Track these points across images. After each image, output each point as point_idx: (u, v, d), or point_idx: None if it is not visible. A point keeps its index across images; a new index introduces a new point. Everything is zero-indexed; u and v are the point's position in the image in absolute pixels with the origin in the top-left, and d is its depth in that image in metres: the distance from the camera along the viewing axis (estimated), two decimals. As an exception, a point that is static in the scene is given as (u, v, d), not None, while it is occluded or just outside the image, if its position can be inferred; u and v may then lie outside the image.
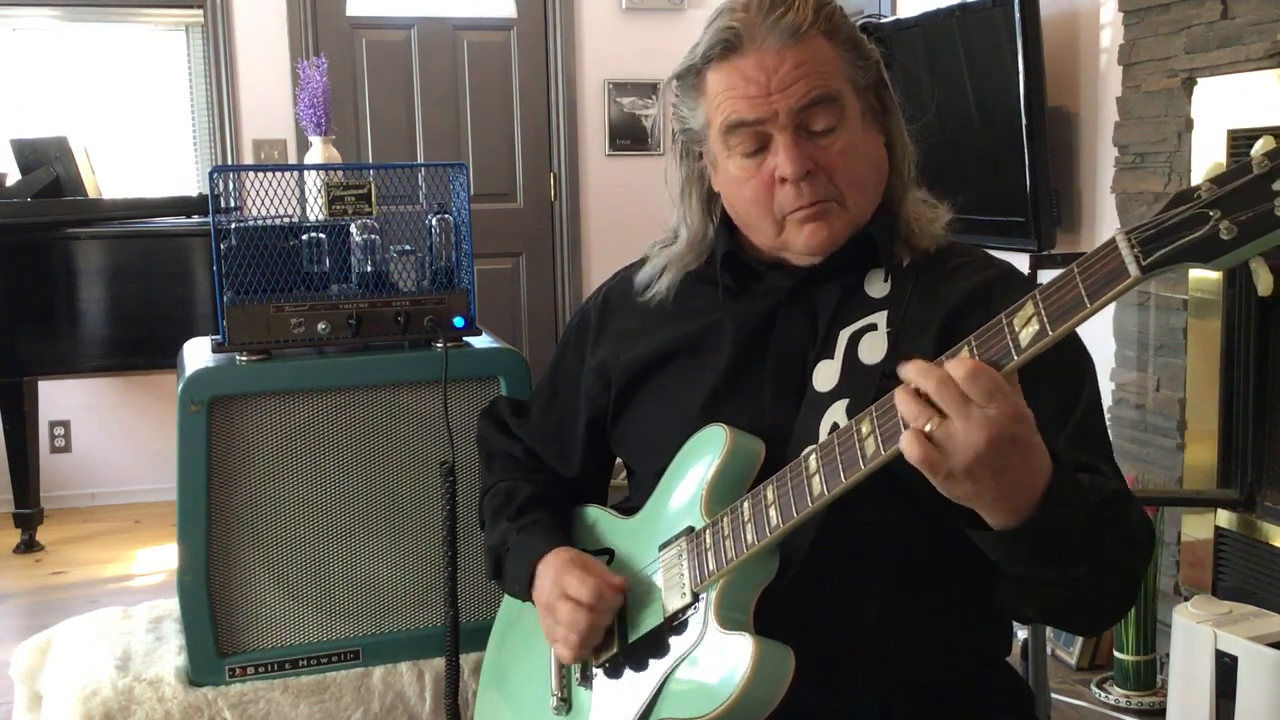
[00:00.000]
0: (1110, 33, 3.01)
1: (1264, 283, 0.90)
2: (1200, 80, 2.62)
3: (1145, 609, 2.64)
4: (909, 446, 0.98)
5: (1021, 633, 2.33)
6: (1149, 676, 2.67)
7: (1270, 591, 2.49)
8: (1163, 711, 2.52)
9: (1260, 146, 0.87)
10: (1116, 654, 2.70)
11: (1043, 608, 1.19)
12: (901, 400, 1.00)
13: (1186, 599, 2.50)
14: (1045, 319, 0.95)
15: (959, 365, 0.97)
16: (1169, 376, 2.81)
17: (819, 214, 1.25)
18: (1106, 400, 3.00)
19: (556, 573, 1.33)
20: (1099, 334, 2.99)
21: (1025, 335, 0.97)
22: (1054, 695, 2.67)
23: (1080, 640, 2.86)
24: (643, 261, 1.48)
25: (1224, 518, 2.64)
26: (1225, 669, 2.22)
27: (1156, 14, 2.75)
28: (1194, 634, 2.28)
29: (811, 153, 1.24)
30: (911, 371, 0.99)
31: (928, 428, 0.97)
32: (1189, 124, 2.66)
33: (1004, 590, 1.17)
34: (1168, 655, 2.43)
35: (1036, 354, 0.97)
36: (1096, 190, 3.09)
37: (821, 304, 1.30)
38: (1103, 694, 2.70)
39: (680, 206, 1.39)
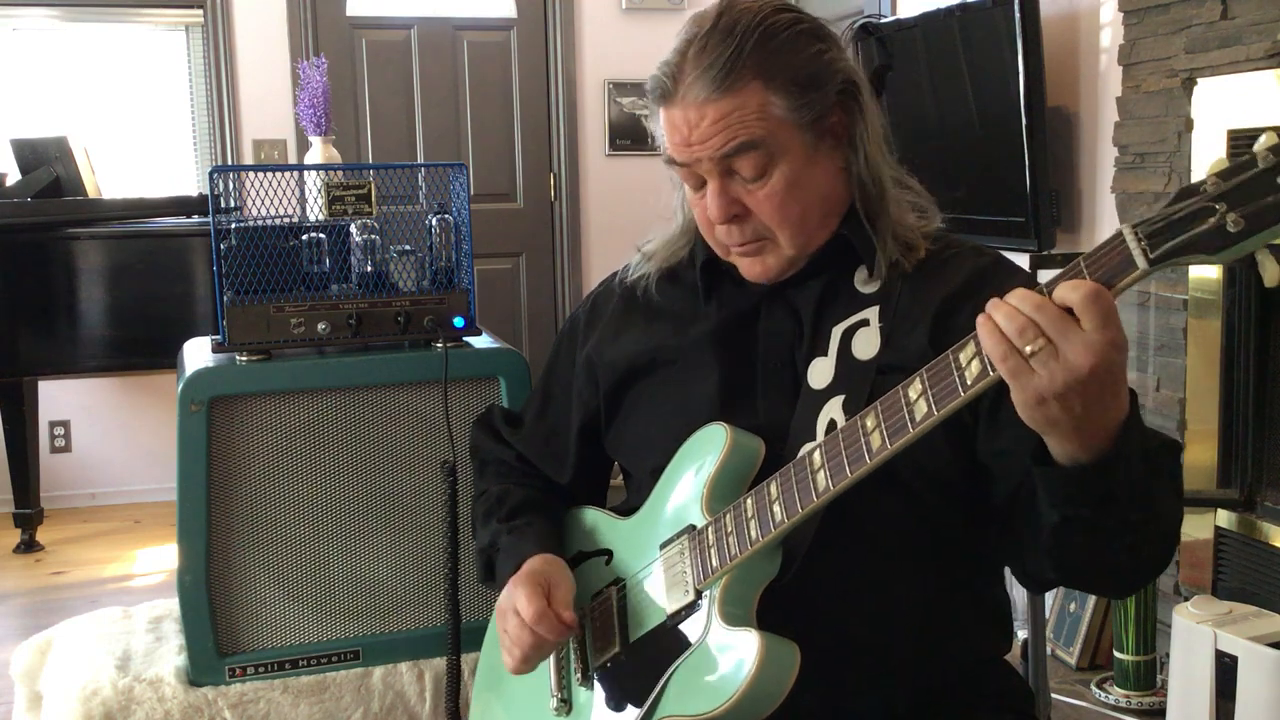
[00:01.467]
0: (1110, 33, 3.01)
1: (1270, 274, 0.91)
2: (1200, 80, 2.62)
3: (1145, 609, 2.64)
4: (1005, 361, 0.95)
5: (1022, 633, 2.33)
6: (1149, 676, 2.67)
7: (1270, 591, 2.49)
8: (1163, 711, 2.52)
9: (1264, 141, 0.89)
10: (1116, 654, 2.69)
11: (1082, 563, 1.14)
12: (1003, 316, 0.96)
13: (1186, 599, 2.50)
14: None
15: (1075, 289, 0.95)
16: (1169, 376, 2.80)
17: (752, 251, 1.29)
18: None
19: (516, 582, 1.33)
20: (1099, 334, 2.98)
21: None
22: (1054, 695, 2.67)
23: (1080, 640, 2.86)
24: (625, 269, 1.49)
25: (1224, 518, 2.64)
26: (1225, 669, 2.22)
27: (1156, 14, 2.75)
28: (1194, 634, 2.28)
29: (739, 195, 1.26)
30: (1013, 297, 0.97)
31: (1028, 349, 0.95)
32: (1189, 124, 2.66)
33: (1035, 550, 1.14)
34: (1168, 655, 2.43)
35: None
36: (1096, 190, 3.09)
37: (801, 301, 1.31)
38: (1103, 694, 2.70)
39: (679, 192, 1.39)
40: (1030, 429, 1.02)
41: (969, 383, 1.00)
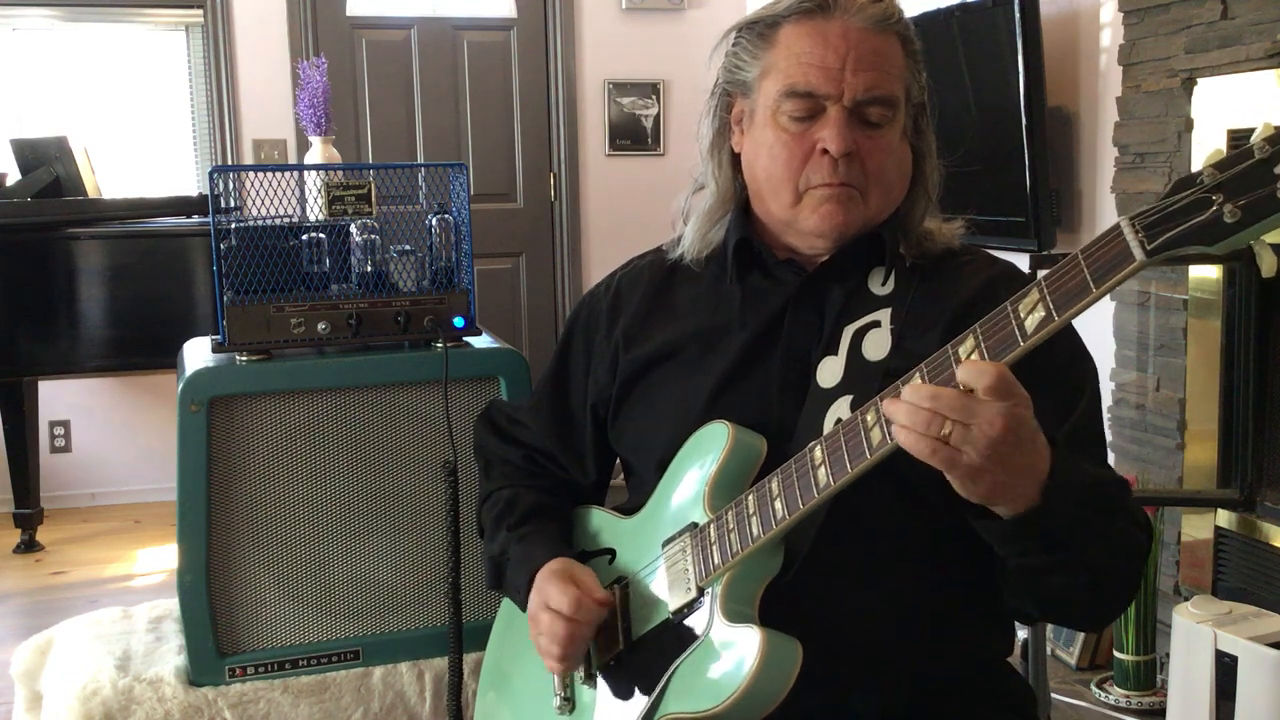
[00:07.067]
0: (1110, 33, 3.01)
1: (1268, 264, 0.92)
2: (1200, 80, 2.62)
3: (1145, 609, 2.64)
4: (935, 454, 1.00)
5: (1022, 633, 2.33)
6: (1149, 676, 2.67)
7: (1270, 591, 2.49)
8: (1163, 711, 2.52)
9: (1261, 132, 0.89)
10: (1116, 654, 2.70)
11: (1048, 601, 1.21)
12: (905, 415, 1.01)
13: (1186, 599, 2.50)
14: (1051, 305, 0.96)
15: (979, 374, 1.00)
16: (1169, 376, 2.81)
17: (841, 197, 1.26)
18: (1106, 400, 3.00)
19: (541, 583, 1.33)
20: (1099, 334, 2.99)
21: (1031, 322, 0.98)
22: (1054, 695, 2.67)
23: (1080, 640, 2.86)
24: (654, 251, 1.48)
25: (1224, 518, 2.64)
26: (1225, 669, 2.22)
27: (1156, 14, 2.75)
28: (1194, 634, 2.28)
29: (856, 137, 1.25)
30: (907, 393, 1.02)
31: (944, 433, 1.00)
32: (1189, 124, 2.66)
33: (1009, 588, 1.19)
34: (1168, 655, 2.43)
35: (1042, 340, 0.98)
36: (1096, 190, 3.09)
37: (830, 303, 1.30)
38: (1103, 694, 2.70)
39: (709, 163, 1.38)
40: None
41: None
